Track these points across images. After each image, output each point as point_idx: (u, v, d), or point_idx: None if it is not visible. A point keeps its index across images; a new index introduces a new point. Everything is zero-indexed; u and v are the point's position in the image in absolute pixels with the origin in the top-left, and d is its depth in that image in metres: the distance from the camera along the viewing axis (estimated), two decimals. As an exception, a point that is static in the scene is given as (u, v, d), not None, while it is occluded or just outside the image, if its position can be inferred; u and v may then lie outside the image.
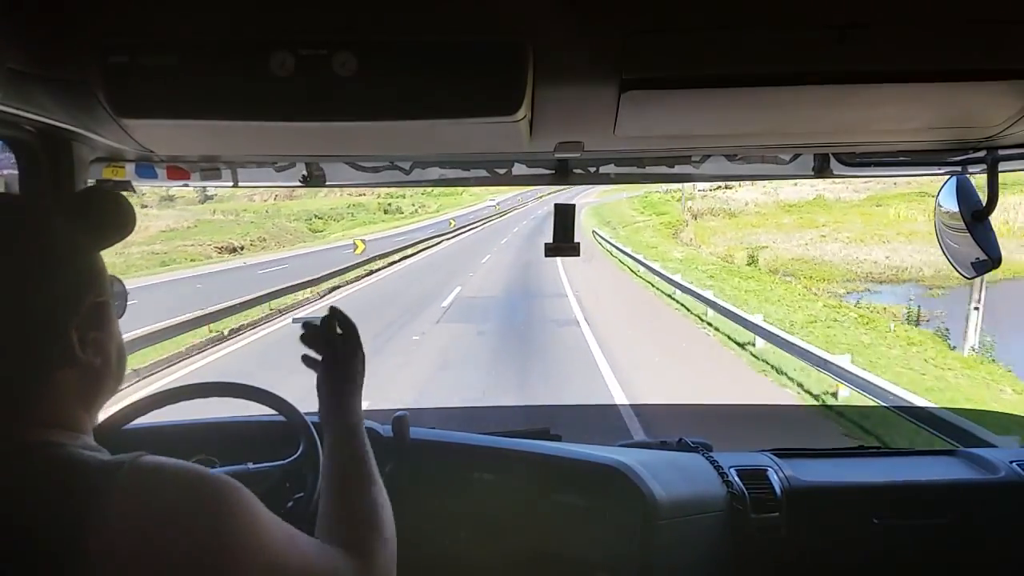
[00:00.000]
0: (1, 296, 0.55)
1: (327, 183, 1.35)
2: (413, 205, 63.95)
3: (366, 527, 0.71)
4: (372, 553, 0.69)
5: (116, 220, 0.62)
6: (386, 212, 57.84)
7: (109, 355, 0.63)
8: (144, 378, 7.60)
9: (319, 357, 0.87)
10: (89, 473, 0.54)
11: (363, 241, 21.08)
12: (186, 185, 1.30)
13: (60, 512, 0.51)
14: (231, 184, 1.33)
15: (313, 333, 0.87)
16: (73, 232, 0.60)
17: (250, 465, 1.15)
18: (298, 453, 1.16)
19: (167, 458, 0.57)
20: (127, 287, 1.05)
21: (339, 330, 0.86)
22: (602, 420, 5.70)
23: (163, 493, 0.54)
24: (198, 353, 9.01)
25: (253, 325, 10.81)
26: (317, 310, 11.93)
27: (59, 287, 0.58)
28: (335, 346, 0.86)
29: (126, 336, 0.67)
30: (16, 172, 1.02)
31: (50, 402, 0.58)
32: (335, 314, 0.87)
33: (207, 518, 0.54)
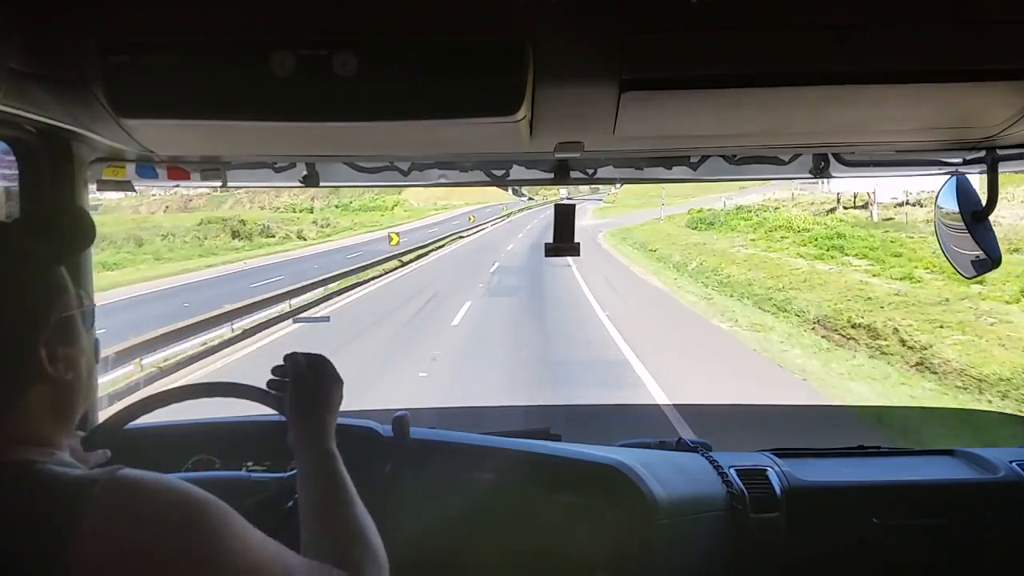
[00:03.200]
0: None
1: (327, 184, 1.35)
2: (316, 223, 41.95)
3: (353, 545, 0.69)
4: (362, 570, 0.67)
5: (75, 234, 0.62)
6: (235, 236, 33.69)
7: (79, 369, 0.62)
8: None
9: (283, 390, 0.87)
10: (63, 490, 0.53)
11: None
12: (179, 186, 1.30)
13: (36, 531, 0.50)
14: (231, 184, 1.33)
15: (280, 370, 0.88)
16: (33, 248, 0.60)
17: (251, 473, 1.15)
18: None
19: (146, 472, 0.55)
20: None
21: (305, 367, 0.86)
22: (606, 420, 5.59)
23: (139, 511, 0.53)
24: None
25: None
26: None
27: (23, 304, 0.57)
28: (302, 377, 0.85)
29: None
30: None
31: (22, 419, 0.57)
32: (297, 357, 0.87)
33: (185, 537, 0.53)
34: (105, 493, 0.53)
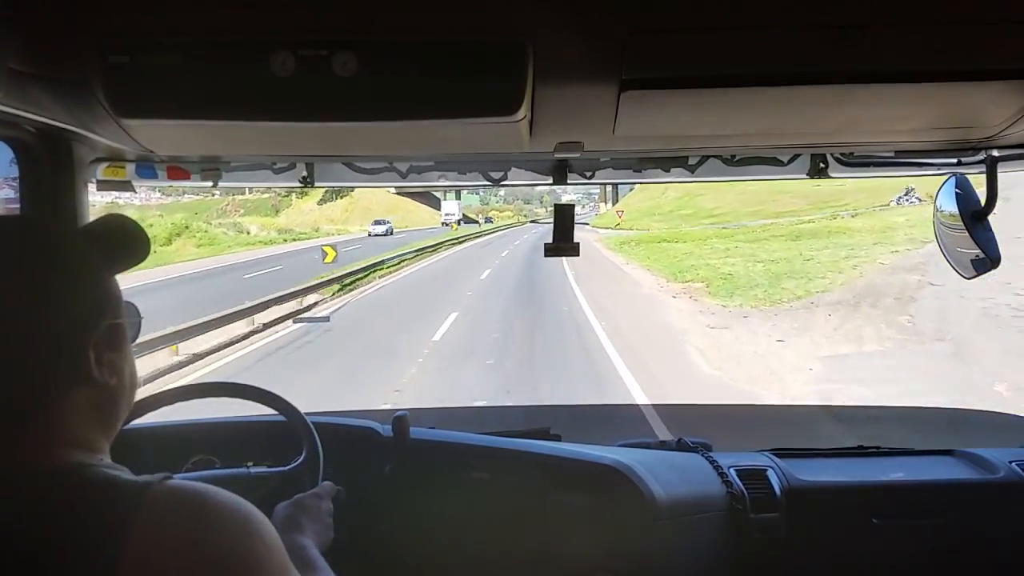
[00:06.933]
0: (24, 314, 0.56)
1: (327, 184, 1.36)
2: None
3: None
4: None
5: (131, 247, 0.64)
6: None
7: (123, 375, 0.64)
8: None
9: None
10: (116, 492, 0.54)
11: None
12: (184, 185, 1.30)
13: (90, 534, 0.52)
14: (231, 184, 1.33)
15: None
16: (92, 256, 0.62)
17: (251, 469, 1.15)
18: (300, 460, 1.15)
19: (192, 483, 0.57)
20: None
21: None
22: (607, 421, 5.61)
23: (196, 513, 0.55)
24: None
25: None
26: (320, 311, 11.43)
27: (78, 308, 0.59)
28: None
29: None
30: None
31: (69, 421, 0.58)
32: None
33: (239, 540, 0.55)
34: (161, 496, 0.54)
